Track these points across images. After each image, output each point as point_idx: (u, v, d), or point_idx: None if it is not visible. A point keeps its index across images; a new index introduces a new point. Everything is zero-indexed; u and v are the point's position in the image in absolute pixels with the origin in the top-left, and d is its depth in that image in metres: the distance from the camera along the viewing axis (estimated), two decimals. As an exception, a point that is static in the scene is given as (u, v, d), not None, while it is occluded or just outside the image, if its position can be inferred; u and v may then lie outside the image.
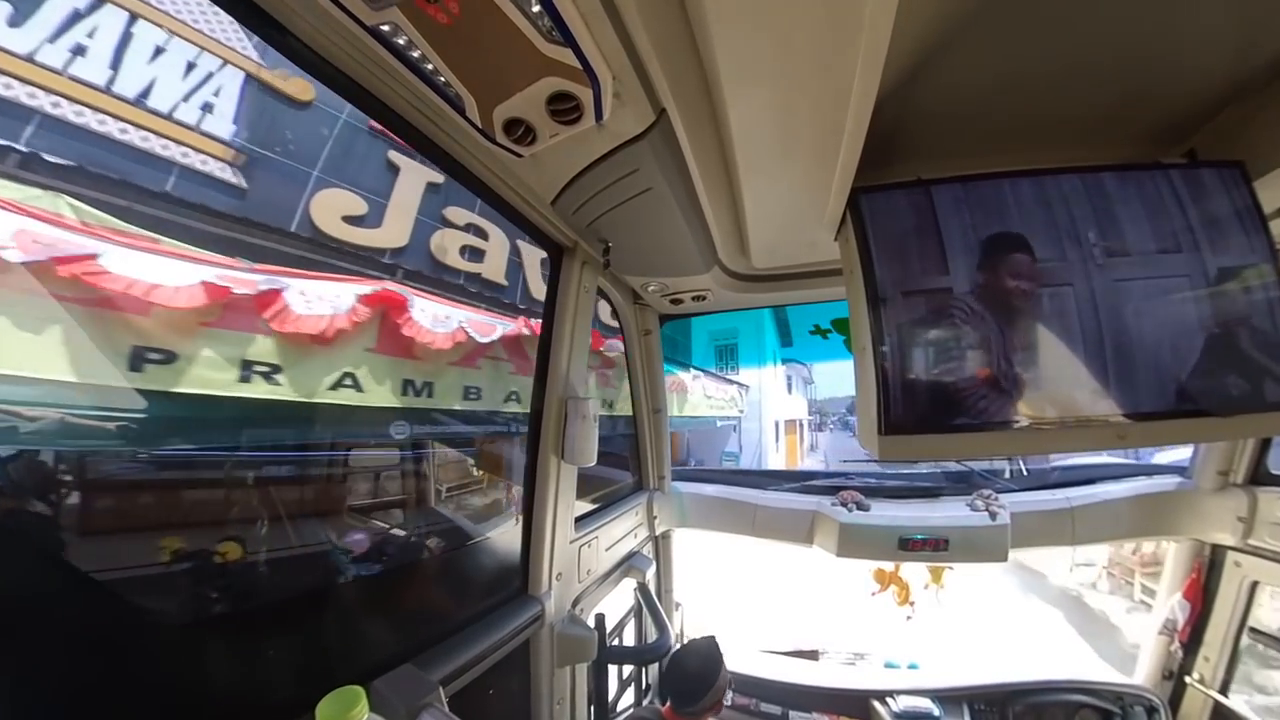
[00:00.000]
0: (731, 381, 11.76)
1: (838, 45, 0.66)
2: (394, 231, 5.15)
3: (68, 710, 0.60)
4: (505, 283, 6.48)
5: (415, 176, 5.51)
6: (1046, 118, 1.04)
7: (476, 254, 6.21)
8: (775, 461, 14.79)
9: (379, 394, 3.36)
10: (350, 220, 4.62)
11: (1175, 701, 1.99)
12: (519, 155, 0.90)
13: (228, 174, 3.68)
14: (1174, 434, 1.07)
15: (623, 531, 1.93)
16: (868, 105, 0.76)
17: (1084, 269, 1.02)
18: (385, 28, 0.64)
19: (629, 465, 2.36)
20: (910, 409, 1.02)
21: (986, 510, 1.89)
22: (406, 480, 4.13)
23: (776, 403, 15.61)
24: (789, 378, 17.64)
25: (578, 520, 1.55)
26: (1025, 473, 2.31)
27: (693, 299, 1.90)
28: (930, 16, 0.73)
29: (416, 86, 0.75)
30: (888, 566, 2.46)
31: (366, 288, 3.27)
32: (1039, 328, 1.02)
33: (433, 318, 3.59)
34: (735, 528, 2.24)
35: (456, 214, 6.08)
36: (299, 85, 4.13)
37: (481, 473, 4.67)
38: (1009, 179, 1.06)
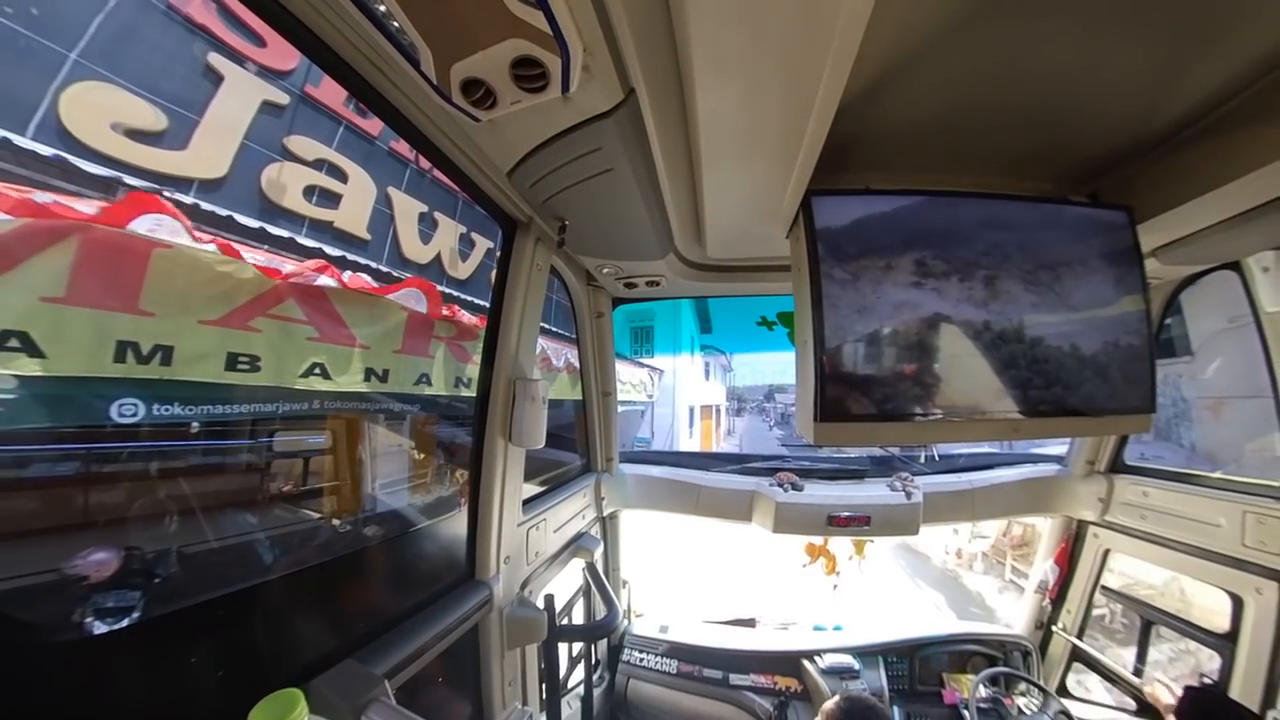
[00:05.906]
0: (643, 365, 11.20)
1: (809, 48, 0.67)
2: (206, 157, 3.87)
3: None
4: (367, 237, 5.24)
5: (246, 90, 4.15)
6: (981, 149, 1.15)
7: (330, 198, 4.91)
8: (689, 446, 14.46)
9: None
10: (131, 133, 3.37)
11: (1044, 645, 2.39)
12: (476, 119, 0.84)
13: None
14: (1055, 429, 1.26)
15: (571, 513, 1.94)
16: (829, 111, 0.79)
17: (994, 286, 1.15)
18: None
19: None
20: (843, 399, 1.11)
21: (903, 490, 2.10)
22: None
23: (692, 388, 15.45)
24: (707, 364, 17.31)
25: (526, 503, 1.54)
26: (936, 458, 2.61)
27: (646, 284, 1.90)
28: (891, 40, 0.77)
29: (365, 30, 0.67)
30: (817, 541, 2.67)
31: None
32: (955, 335, 1.14)
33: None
34: (680, 507, 2.32)
35: (304, 146, 4.72)
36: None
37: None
38: (943, 198, 1.17)
